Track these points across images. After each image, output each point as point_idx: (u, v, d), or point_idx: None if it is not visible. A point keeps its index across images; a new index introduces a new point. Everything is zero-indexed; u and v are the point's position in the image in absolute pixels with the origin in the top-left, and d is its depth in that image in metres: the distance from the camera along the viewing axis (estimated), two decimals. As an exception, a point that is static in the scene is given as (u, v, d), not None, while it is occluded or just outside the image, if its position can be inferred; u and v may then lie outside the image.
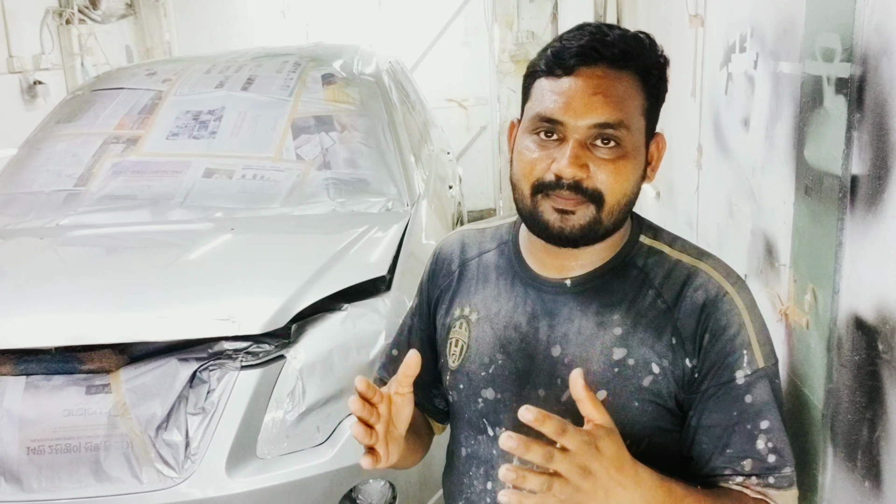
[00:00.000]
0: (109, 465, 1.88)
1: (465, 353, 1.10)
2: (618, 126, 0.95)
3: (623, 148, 0.96)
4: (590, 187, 0.95)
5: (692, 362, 0.98)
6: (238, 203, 2.72)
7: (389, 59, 3.90)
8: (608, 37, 0.96)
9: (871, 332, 1.19)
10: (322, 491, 1.96)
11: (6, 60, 4.84)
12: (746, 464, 0.96)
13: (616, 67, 0.96)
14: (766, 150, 1.69)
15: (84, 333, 1.97)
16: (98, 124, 3.05)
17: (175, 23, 6.77)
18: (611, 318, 1.01)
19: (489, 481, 1.08)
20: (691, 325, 0.98)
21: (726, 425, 0.97)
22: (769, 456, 0.96)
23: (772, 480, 0.96)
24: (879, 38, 1.16)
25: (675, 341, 0.99)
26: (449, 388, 1.13)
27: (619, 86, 0.96)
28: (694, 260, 1.03)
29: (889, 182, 1.14)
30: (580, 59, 0.95)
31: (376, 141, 2.96)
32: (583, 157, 0.95)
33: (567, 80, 0.96)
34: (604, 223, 0.98)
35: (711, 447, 0.98)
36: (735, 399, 0.97)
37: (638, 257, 1.04)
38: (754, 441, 0.96)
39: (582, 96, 0.95)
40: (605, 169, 0.95)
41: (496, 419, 1.07)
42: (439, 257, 1.20)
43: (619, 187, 0.96)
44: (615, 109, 0.95)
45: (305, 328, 2.05)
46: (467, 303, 1.12)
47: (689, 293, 1.00)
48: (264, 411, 1.94)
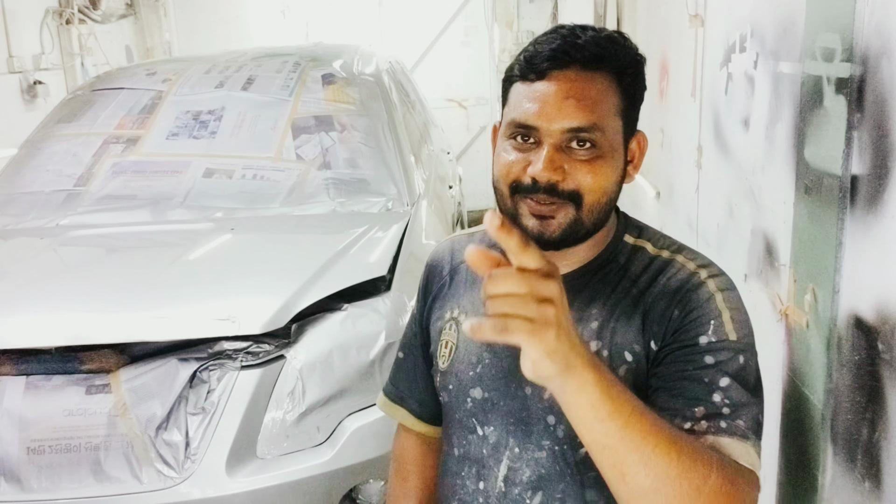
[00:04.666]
0: (109, 465, 1.88)
1: (454, 353, 1.11)
2: (591, 129, 0.95)
3: (599, 149, 0.96)
4: (566, 189, 0.96)
5: (657, 345, 0.96)
6: (238, 203, 2.72)
7: (389, 59, 3.90)
8: (580, 39, 0.97)
9: (871, 332, 1.19)
10: (322, 491, 1.96)
11: (6, 60, 4.84)
12: (698, 410, 0.89)
13: (589, 69, 0.96)
14: (766, 150, 1.69)
15: (84, 333, 1.97)
16: (98, 124, 3.06)
17: (175, 23, 6.77)
18: (589, 313, 1.01)
19: (481, 481, 1.08)
20: (661, 307, 0.97)
21: (681, 378, 0.92)
22: (723, 409, 0.89)
23: (723, 425, 0.88)
24: (879, 38, 1.16)
25: (644, 324, 0.98)
26: (440, 390, 1.14)
27: (593, 88, 0.96)
28: (672, 253, 1.03)
29: (889, 182, 1.14)
30: (552, 63, 0.96)
31: (376, 141, 2.96)
32: (558, 161, 0.95)
33: (540, 85, 0.96)
34: (584, 223, 0.98)
35: (665, 399, 0.92)
36: (693, 356, 0.93)
37: (621, 255, 1.05)
38: (710, 394, 0.90)
39: (554, 101, 0.95)
40: (582, 169, 0.96)
41: (485, 418, 1.07)
42: (431, 265, 1.21)
43: (596, 186, 0.96)
44: (588, 113, 0.95)
45: (305, 328, 2.05)
46: (456, 305, 1.13)
47: (663, 280, 1.00)
48: (264, 411, 1.94)
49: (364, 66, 3.37)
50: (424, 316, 1.20)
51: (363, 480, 2.03)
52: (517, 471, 1.04)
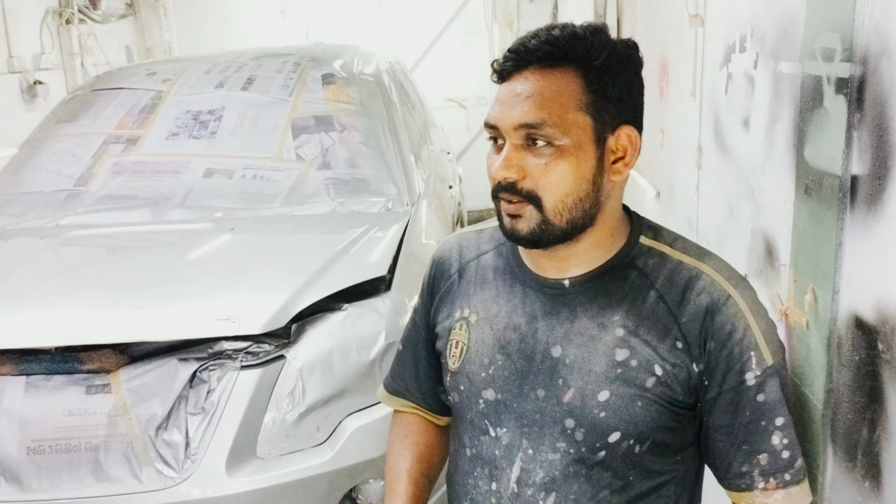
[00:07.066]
0: (109, 465, 1.88)
1: (465, 354, 1.10)
2: (541, 125, 0.96)
3: (558, 148, 0.96)
4: (525, 188, 0.98)
5: (699, 367, 0.99)
6: (238, 203, 2.72)
7: (389, 59, 3.90)
8: (533, 41, 0.99)
9: (871, 332, 1.19)
10: (322, 491, 1.96)
11: (6, 60, 4.84)
12: (762, 458, 0.99)
13: (547, 67, 0.98)
14: (766, 150, 1.68)
15: (84, 333, 1.97)
16: (98, 124, 3.05)
17: (175, 23, 6.77)
18: (612, 319, 1.01)
19: (493, 482, 1.08)
20: (695, 329, 0.99)
21: (741, 424, 1.00)
22: (783, 452, 0.99)
23: (788, 477, 1.00)
24: (879, 38, 1.16)
25: (681, 346, 0.99)
26: (450, 390, 1.13)
27: (549, 85, 0.97)
28: (695, 261, 1.03)
29: (889, 182, 1.14)
30: (512, 64, 0.99)
31: (376, 141, 2.96)
32: (515, 159, 0.98)
33: (504, 87, 1.01)
34: (553, 223, 0.99)
35: (727, 444, 1.01)
36: (748, 400, 0.99)
37: (638, 258, 1.04)
38: (770, 437, 0.99)
39: (508, 99, 0.99)
40: (538, 170, 0.97)
41: (498, 420, 1.07)
42: (438, 262, 1.20)
43: (553, 187, 0.97)
44: (538, 109, 0.96)
45: (305, 328, 2.05)
46: (467, 304, 1.13)
47: (693, 297, 1.00)
48: (264, 411, 1.94)
49: (364, 66, 3.37)
50: (431, 314, 1.19)
51: (363, 480, 2.03)
52: (530, 472, 1.04)
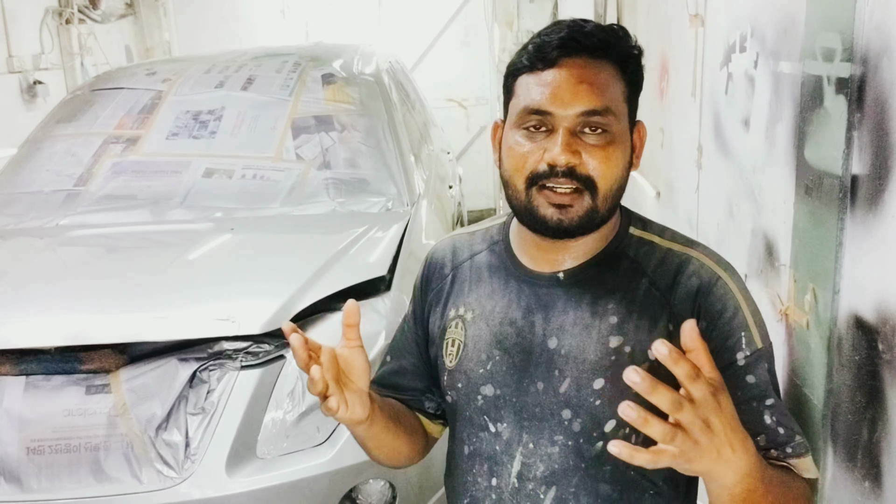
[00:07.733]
0: (109, 465, 1.88)
1: (462, 351, 1.10)
2: (605, 112, 0.97)
3: (611, 134, 0.98)
4: (583, 173, 0.97)
5: None
6: (238, 203, 2.72)
7: (389, 59, 3.90)
8: (586, 28, 0.99)
9: (871, 332, 1.19)
10: (322, 491, 1.96)
11: (6, 60, 4.84)
12: (760, 439, 0.98)
13: (596, 57, 0.98)
14: (766, 149, 1.68)
15: (84, 333, 1.96)
16: (98, 124, 3.05)
17: (175, 23, 6.77)
18: (605, 308, 1.02)
19: (493, 478, 1.08)
20: (687, 310, 1.00)
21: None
22: (778, 429, 0.99)
23: (789, 450, 0.98)
24: (879, 38, 1.16)
25: (672, 328, 1.00)
26: (447, 388, 1.13)
27: (602, 74, 0.98)
28: (684, 248, 1.05)
29: (889, 182, 1.14)
30: (562, 51, 0.98)
31: (376, 141, 2.96)
32: (574, 145, 0.97)
33: (551, 73, 0.98)
34: (600, 211, 1.00)
35: None
36: (738, 379, 0.98)
37: (629, 248, 1.06)
38: (762, 416, 0.98)
39: (567, 86, 0.97)
40: (596, 156, 0.97)
41: (497, 415, 1.07)
42: (431, 263, 1.20)
43: (609, 173, 0.98)
44: (600, 96, 0.97)
45: (305, 328, 2.05)
46: (462, 303, 1.13)
47: (683, 280, 1.01)
48: (264, 411, 1.94)
49: (364, 66, 3.37)
50: (425, 313, 1.19)
51: (363, 480, 2.03)
52: (531, 466, 1.05)
